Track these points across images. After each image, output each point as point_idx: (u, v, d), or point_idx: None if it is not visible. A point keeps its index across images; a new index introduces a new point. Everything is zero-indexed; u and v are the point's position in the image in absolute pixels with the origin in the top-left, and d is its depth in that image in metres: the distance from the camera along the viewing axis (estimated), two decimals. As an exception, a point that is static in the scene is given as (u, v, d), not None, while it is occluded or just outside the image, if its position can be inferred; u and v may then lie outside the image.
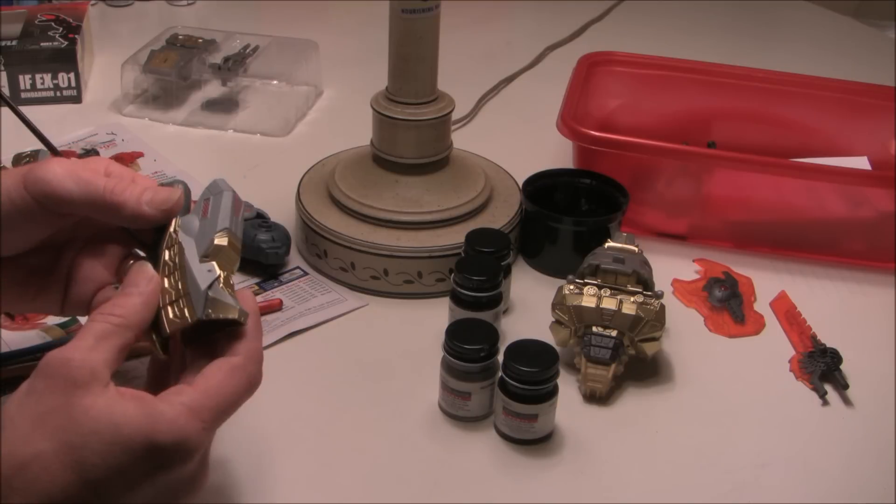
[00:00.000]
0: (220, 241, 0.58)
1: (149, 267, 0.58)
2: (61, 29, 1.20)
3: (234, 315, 0.55)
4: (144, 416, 0.51)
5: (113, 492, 0.50)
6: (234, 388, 0.54)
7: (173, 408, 0.51)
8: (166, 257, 0.59)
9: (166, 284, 0.57)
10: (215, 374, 0.54)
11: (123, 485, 0.50)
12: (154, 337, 0.57)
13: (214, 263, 0.57)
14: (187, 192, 0.62)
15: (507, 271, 0.82)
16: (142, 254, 0.62)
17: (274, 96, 1.15)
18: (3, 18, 1.20)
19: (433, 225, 0.86)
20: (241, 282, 0.85)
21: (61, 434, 0.50)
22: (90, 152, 1.06)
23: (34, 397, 0.51)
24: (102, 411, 0.50)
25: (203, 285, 0.56)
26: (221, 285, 0.56)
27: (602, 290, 0.76)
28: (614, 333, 0.75)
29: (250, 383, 0.55)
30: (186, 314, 0.56)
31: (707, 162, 0.94)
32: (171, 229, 0.60)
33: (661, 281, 0.84)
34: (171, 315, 0.56)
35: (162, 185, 0.61)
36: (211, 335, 0.57)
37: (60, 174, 0.57)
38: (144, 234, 0.62)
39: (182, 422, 0.51)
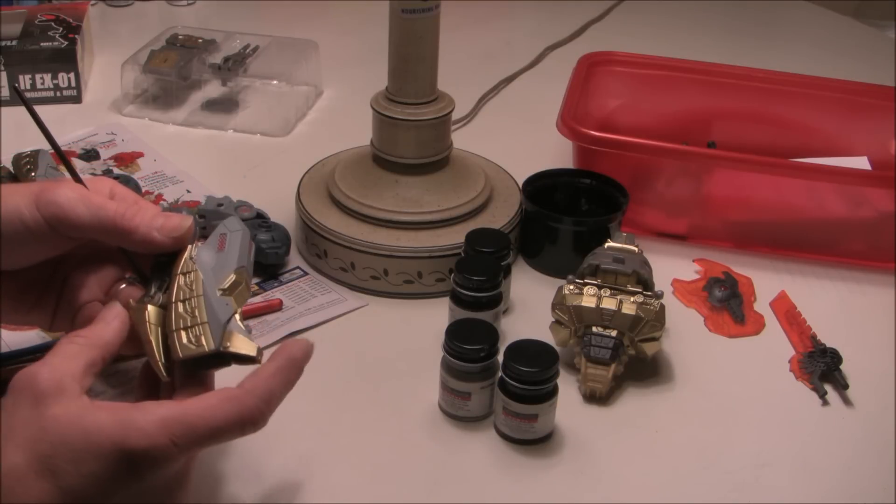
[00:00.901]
0: (238, 278, 0.59)
1: (118, 305, 0.59)
2: (61, 29, 1.20)
3: (252, 352, 0.57)
4: (115, 423, 0.51)
5: (90, 498, 0.51)
6: (221, 416, 0.53)
7: (145, 416, 0.52)
8: (181, 282, 0.59)
9: (181, 309, 0.58)
10: (206, 399, 0.54)
11: (99, 491, 0.51)
12: (158, 357, 0.57)
13: (232, 299, 0.59)
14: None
15: (507, 271, 0.82)
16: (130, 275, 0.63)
17: (274, 96, 1.15)
18: (3, 18, 1.20)
19: (433, 225, 0.86)
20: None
21: (32, 444, 0.50)
22: (90, 152, 1.06)
23: (5, 413, 0.52)
24: (73, 419, 0.51)
25: (223, 318, 0.57)
26: (238, 321, 0.58)
27: (602, 290, 0.76)
28: (614, 333, 0.75)
29: (242, 417, 0.54)
30: (203, 342, 0.56)
31: (707, 162, 0.94)
32: (188, 255, 0.61)
33: (661, 281, 0.84)
34: (184, 340, 0.57)
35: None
36: (211, 369, 0.58)
37: (73, 199, 0.57)
38: (141, 259, 0.62)
39: (151, 430, 0.51)
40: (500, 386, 0.70)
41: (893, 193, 0.89)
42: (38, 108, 0.65)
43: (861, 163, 1.03)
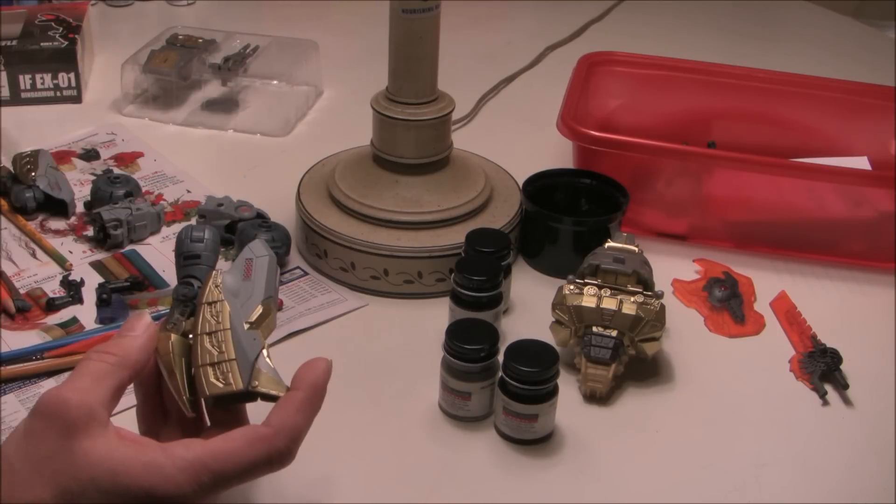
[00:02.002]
0: (266, 309, 0.59)
1: (147, 315, 0.58)
2: (61, 29, 1.20)
3: (281, 392, 0.56)
4: (142, 467, 0.51)
5: None
6: (250, 458, 0.53)
7: (173, 462, 0.51)
8: (207, 314, 0.58)
9: (206, 343, 0.57)
10: (235, 440, 0.53)
11: None
12: (183, 392, 0.57)
13: (259, 333, 0.58)
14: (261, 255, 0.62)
15: (507, 271, 0.82)
16: None
17: (274, 96, 1.15)
18: (3, 18, 1.20)
19: (433, 225, 0.86)
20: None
21: (60, 479, 0.50)
22: (90, 152, 1.06)
23: (32, 439, 0.51)
24: (102, 457, 0.51)
25: (251, 356, 0.56)
26: (266, 356, 0.57)
27: (602, 290, 0.76)
28: (614, 333, 0.75)
29: (271, 458, 0.53)
30: (231, 380, 0.56)
31: (707, 162, 0.94)
32: (212, 283, 0.59)
33: (661, 281, 0.84)
34: (211, 378, 0.56)
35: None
36: (240, 404, 0.58)
37: None
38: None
39: (179, 478, 0.51)
40: (501, 386, 0.70)
41: (893, 193, 0.89)
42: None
43: (861, 163, 1.03)
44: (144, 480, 0.50)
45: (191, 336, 0.59)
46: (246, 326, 0.58)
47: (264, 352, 0.57)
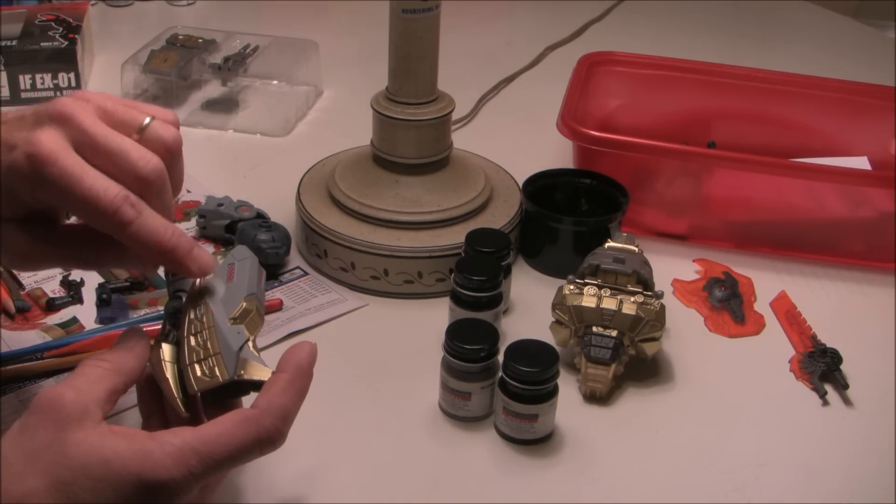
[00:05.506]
0: (249, 305, 0.59)
1: (141, 329, 0.59)
2: (61, 29, 1.20)
3: (266, 377, 0.56)
4: (133, 454, 0.51)
5: None
6: (238, 440, 0.53)
7: (163, 448, 0.52)
8: (192, 316, 0.59)
9: (193, 343, 0.58)
10: (222, 423, 0.54)
11: None
12: (177, 394, 0.57)
13: (244, 327, 0.58)
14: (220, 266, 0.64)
15: (507, 271, 0.82)
16: None
17: (274, 96, 1.15)
18: (3, 18, 1.20)
19: (433, 225, 0.86)
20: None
21: (53, 469, 0.51)
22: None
23: (27, 433, 0.52)
24: (93, 446, 0.51)
25: (235, 347, 0.57)
26: (251, 348, 0.58)
27: (602, 290, 0.76)
28: (614, 333, 0.75)
29: (260, 438, 0.54)
30: (217, 373, 0.56)
31: (707, 162, 0.94)
32: (196, 290, 0.61)
33: (661, 281, 0.84)
34: (198, 373, 0.57)
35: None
36: (232, 398, 0.58)
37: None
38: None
39: (168, 463, 0.51)
40: (501, 386, 0.70)
41: (893, 193, 0.89)
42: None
43: (861, 163, 1.03)
44: (134, 466, 0.51)
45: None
46: (229, 323, 0.58)
47: (249, 343, 0.58)
